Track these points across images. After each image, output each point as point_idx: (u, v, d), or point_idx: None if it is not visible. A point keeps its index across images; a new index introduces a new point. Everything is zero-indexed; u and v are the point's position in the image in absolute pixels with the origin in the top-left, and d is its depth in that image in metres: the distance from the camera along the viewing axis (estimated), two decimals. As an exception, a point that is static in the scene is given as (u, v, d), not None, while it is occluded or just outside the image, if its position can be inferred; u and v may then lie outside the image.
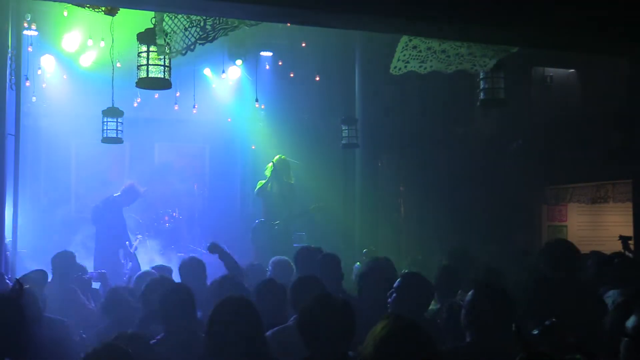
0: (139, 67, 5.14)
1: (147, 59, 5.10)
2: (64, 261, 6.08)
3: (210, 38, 5.10)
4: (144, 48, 5.11)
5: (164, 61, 5.14)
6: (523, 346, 2.34)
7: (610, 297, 4.65)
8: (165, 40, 4.86)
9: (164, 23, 4.86)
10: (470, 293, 3.55)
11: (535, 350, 2.34)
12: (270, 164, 9.76)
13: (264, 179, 9.88)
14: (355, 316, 3.18)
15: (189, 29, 4.97)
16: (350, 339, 3.11)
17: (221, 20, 5.10)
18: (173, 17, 4.90)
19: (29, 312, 4.03)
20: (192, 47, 5.03)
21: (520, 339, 2.36)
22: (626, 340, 2.80)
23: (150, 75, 5.10)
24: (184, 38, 4.97)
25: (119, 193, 9.42)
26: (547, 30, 5.27)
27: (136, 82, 5.20)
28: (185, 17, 4.96)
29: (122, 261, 9.08)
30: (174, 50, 4.90)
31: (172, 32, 4.87)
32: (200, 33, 5.06)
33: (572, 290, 4.49)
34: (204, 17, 5.09)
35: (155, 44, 5.05)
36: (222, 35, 5.14)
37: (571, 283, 4.60)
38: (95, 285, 6.75)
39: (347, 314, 3.14)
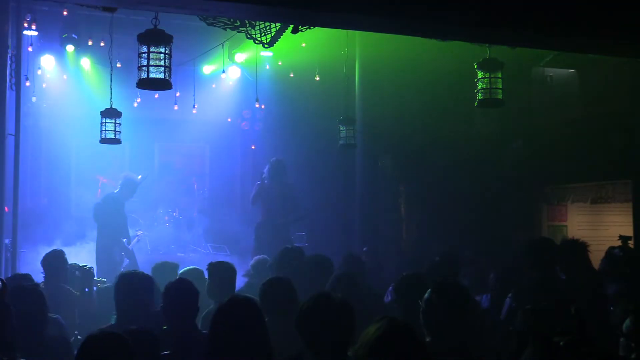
0: (139, 67, 5.14)
1: (148, 59, 5.10)
2: (55, 260, 6.07)
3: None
4: (145, 49, 5.11)
5: (164, 62, 5.14)
6: (578, 328, 2.32)
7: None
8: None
9: None
10: (427, 292, 3.54)
11: (586, 338, 2.33)
12: (267, 166, 9.66)
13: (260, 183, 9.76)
14: (355, 315, 3.18)
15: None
16: (350, 338, 3.11)
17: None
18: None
19: (32, 310, 4.07)
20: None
21: (580, 322, 2.35)
22: (622, 341, 2.88)
23: (150, 76, 5.10)
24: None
25: (117, 189, 9.32)
26: (548, 30, 5.27)
27: (137, 83, 5.21)
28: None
29: (117, 259, 8.97)
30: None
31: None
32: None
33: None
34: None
35: (155, 45, 5.07)
36: None
37: None
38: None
39: (346, 313, 3.14)
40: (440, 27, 5.23)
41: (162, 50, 5.10)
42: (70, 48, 9.64)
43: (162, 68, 5.10)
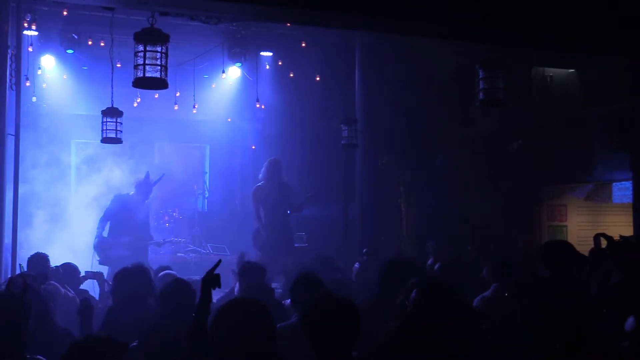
0: (135, 66, 5.12)
1: (144, 58, 5.09)
2: (39, 263, 6.04)
3: None
4: (141, 47, 5.10)
5: (161, 61, 5.13)
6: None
7: None
8: None
9: None
10: (413, 291, 3.50)
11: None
12: (263, 167, 9.48)
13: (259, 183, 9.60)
14: (360, 316, 3.17)
15: None
16: (355, 338, 3.10)
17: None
18: None
19: (35, 308, 4.06)
20: None
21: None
22: (627, 343, 2.82)
23: (146, 75, 5.09)
24: None
25: (133, 191, 9.19)
26: (547, 30, 5.28)
27: (133, 82, 5.19)
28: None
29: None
30: None
31: None
32: None
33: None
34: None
35: (152, 44, 5.05)
36: None
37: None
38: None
39: (351, 313, 3.13)
40: (439, 26, 5.23)
41: (159, 49, 5.08)
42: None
43: (159, 67, 5.09)
